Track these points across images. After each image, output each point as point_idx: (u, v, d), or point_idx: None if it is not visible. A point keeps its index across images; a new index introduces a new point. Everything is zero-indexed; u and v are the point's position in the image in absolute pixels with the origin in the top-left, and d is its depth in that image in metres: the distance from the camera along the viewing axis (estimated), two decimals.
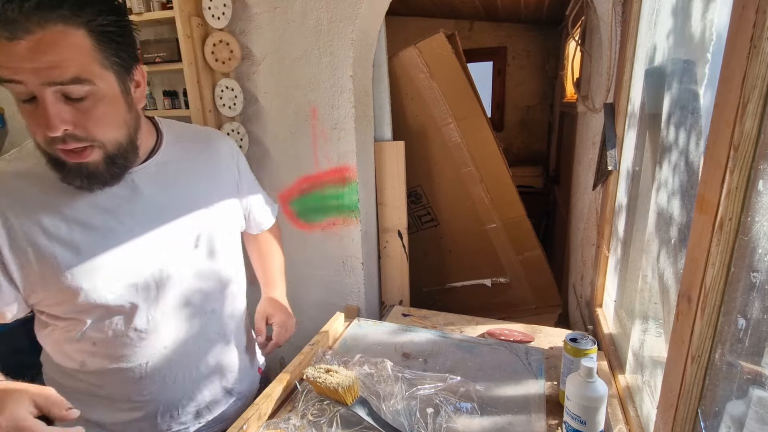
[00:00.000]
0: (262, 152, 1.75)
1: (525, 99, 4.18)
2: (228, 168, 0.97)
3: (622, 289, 1.13)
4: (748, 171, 0.47)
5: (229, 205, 0.95)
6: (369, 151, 1.75)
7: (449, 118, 2.05)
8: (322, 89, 1.59)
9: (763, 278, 0.49)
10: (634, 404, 0.93)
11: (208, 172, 0.91)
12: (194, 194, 0.87)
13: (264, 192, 1.13)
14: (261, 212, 1.10)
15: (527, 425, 0.89)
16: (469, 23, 4.10)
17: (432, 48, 1.98)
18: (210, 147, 0.94)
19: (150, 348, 0.82)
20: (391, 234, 1.88)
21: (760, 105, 0.44)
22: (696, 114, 0.74)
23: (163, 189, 0.82)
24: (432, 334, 1.24)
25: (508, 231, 2.16)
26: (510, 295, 2.26)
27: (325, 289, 1.84)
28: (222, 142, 0.98)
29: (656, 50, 0.99)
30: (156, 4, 1.62)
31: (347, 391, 0.90)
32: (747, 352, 0.52)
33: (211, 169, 0.92)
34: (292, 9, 1.54)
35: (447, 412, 0.89)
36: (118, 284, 0.76)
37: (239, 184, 1.00)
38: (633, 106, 1.13)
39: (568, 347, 0.92)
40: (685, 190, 0.74)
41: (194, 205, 0.86)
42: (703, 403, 0.55)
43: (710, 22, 0.70)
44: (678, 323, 0.58)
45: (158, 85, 1.85)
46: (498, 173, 2.13)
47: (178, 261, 0.83)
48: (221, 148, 0.96)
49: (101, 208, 0.75)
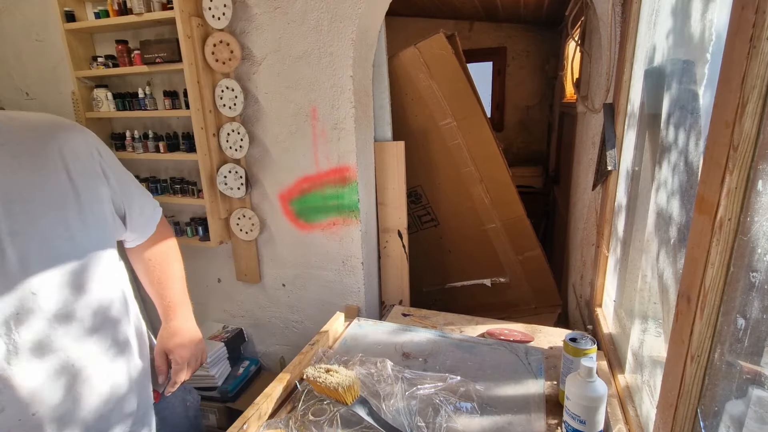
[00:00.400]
0: (262, 152, 1.75)
1: (525, 99, 4.18)
2: (84, 170, 0.78)
3: (622, 289, 1.13)
4: (747, 171, 0.47)
5: (94, 214, 0.79)
6: (369, 151, 1.75)
7: (449, 118, 2.05)
8: (322, 89, 1.59)
9: (763, 278, 0.49)
10: (633, 404, 0.93)
11: (33, 178, 0.72)
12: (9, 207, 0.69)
13: (141, 189, 0.96)
14: (138, 215, 0.93)
15: (527, 425, 0.89)
16: (469, 24, 4.10)
17: (432, 48, 1.98)
18: (47, 146, 0.74)
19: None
20: (391, 234, 1.88)
21: (759, 105, 0.44)
22: (695, 114, 0.74)
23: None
24: (432, 333, 1.24)
25: (507, 231, 2.17)
26: (510, 294, 2.26)
27: (325, 289, 1.84)
28: (72, 137, 0.78)
29: (656, 50, 0.99)
30: (156, 5, 1.62)
31: (347, 391, 0.90)
32: (746, 351, 0.52)
33: (43, 172, 0.73)
34: (292, 9, 1.54)
35: (447, 411, 0.89)
36: None
37: (108, 185, 0.83)
38: (632, 107, 1.13)
39: (568, 347, 0.92)
40: (685, 190, 0.75)
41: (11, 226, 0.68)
42: (703, 402, 0.55)
43: (710, 23, 0.70)
44: (677, 323, 0.59)
45: (159, 85, 1.86)
46: (498, 173, 2.13)
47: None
48: (67, 146, 0.76)
49: None
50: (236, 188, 1.75)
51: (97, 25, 1.71)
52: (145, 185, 1.88)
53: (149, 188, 1.87)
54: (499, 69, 4.15)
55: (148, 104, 1.79)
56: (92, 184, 0.80)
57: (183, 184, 1.84)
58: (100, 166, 0.82)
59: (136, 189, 0.93)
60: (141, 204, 0.93)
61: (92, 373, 0.79)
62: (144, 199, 0.95)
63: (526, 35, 4.00)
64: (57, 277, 0.73)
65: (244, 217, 1.82)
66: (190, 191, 1.83)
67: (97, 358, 0.80)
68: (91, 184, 0.79)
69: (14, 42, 1.99)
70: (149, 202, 0.98)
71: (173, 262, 1.03)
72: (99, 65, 1.79)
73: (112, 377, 0.83)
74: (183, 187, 1.83)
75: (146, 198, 0.97)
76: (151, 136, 1.81)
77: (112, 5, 1.68)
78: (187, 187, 1.83)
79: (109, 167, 0.84)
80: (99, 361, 0.80)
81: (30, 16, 1.92)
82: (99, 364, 0.80)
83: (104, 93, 1.81)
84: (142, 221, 0.95)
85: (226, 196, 1.79)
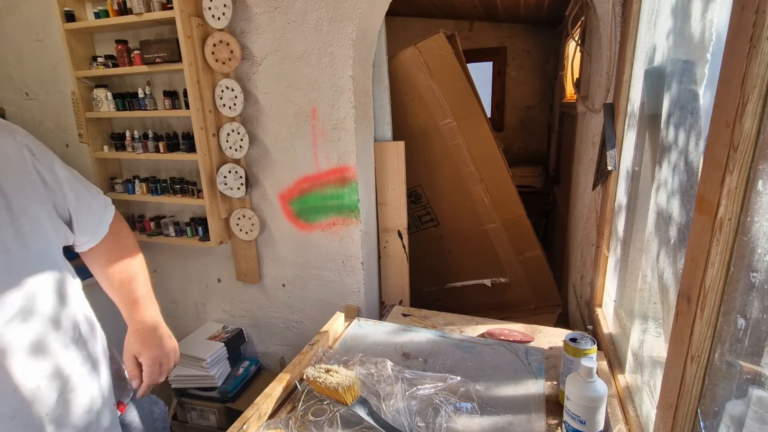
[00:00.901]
0: (262, 152, 1.75)
1: (525, 99, 4.18)
2: (15, 172, 0.72)
3: (622, 289, 1.13)
4: (747, 171, 0.47)
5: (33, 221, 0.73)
6: (369, 151, 1.75)
7: (449, 118, 2.05)
8: (322, 89, 1.59)
9: (763, 278, 0.49)
10: (633, 404, 0.93)
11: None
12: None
13: (88, 186, 0.88)
14: (87, 216, 0.86)
15: (527, 425, 0.89)
16: (469, 24, 4.10)
17: (432, 48, 1.98)
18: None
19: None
20: (391, 234, 1.88)
21: (759, 105, 0.44)
22: (695, 114, 0.74)
23: None
24: (432, 334, 1.24)
25: (507, 231, 2.17)
26: (510, 295, 2.26)
27: (325, 289, 1.84)
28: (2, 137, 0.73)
29: (656, 50, 0.99)
30: (156, 5, 1.62)
31: (347, 391, 0.90)
32: (746, 351, 0.52)
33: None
34: (292, 9, 1.54)
35: (447, 412, 0.89)
36: None
37: (45, 187, 0.76)
38: (633, 107, 1.13)
39: (568, 347, 0.92)
40: (685, 190, 0.75)
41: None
42: (703, 402, 0.55)
43: (710, 23, 0.70)
44: (677, 323, 0.58)
45: (159, 85, 1.86)
46: (498, 173, 2.13)
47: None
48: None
49: None
50: (236, 188, 1.75)
51: (97, 25, 1.71)
52: (144, 185, 1.88)
53: (149, 188, 1.87)
54: (499, 69, 4.15)
55: (148, 104, 1.79)
56: (26, 187, 0.73)
57: (183, 184, 1.84)
58: (33, 167, 0.75)
59: (81, 187, 0.85)
60: (89, 204, 0.86)
61: (76, 385, 0.78)
62: (92, 197, 0.87)
63: (526, 35, 4.00)
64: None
65: (244, 217, 1.82)
66: (189, 191, 1.83)
67: (76, 369, 0.78)
68: (25, 188, 0.72)
69: (14, 42, 1.99)
70: (98, 201, 0.90)
71: (133, 260, 0.96)
72: (99, 65, 1.79)
73: (90, 391, 0.82)
74: (183, 187, 1.83)
75: (95, 196, 0.89)
76: (151, 136, 1.81)
77: (112, 5, 1.68)
78: (186, 187, 1.83)
79: (44, 167, 0.77)
80: (78, 372, 0.79)
81: (30, 16, 1.92)
82: (78, 376, 0.79)
83: (104, 93, 1.81)
84: (92, 223, 0.87)
85: (225, 196, 1.79)
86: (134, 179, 1.91)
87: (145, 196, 1.88)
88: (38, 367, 0.72)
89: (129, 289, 0.94)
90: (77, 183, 0.84)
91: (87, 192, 0.87)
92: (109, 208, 0.93)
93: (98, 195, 0.91)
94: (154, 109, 1.80)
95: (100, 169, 1.91)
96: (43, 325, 0.74)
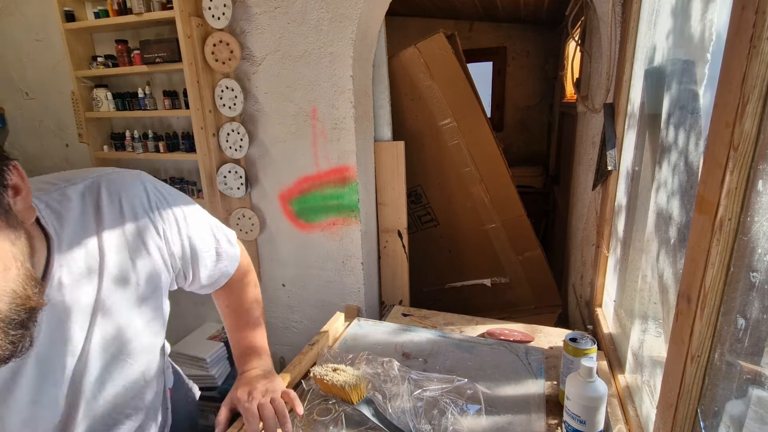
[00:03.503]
0: (262, 152, 1.75)
1: (525, 99, 4.18)
2: (140, 234, 0.67)
3: (622, 289, 1.13)
4: (747, 171, 0.47)
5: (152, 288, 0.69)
6: (369, 151, 1.75)
7: (449, 118, 2.05)
8: (322, 89, 1.59)
9: (763, 278, 0.49)
10: (633, 404, 0.93)
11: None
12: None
13: (216, 230, 0.82)
14: (211, 269, 0.82)
15: (527, 425, 0.89)
16: (469, 23, 4.10)
17: (432, 48, 1.98)
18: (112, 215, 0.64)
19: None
20: (391, 234, 1.88)
21: (759, 105, 0.44)
22: (695, 114, 0.74)
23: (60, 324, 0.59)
24: (432, 333, 1.24)
25: (508, 231, 2.17)
26: (510, 294, 2.26)
27: (325, 289, 1.84)
28: (126, 193, 0.66)
29: (656, 50, 0.99)
30: (156, 4, 1.62)
31: (353, 390, 0.89)
32: (746, 351, 0.52)
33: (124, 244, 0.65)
34: (292, 9, 1.54)
35: (453, 413, 0.89)
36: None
37: (166, 246, 0.71)
38: (633, 107, 1.13)
39: (568, 347, 0.92)
40: (685, 190, 0.75)
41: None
42: (703, 402, 0.55)
43: (710, 23, 0.70)
44: (677, 323, 0.58)
45: (158, 85, 1.86)
46: (498, 173, 2.13)
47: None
48: (128, 206, 0.66)
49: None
50: (236, 188, 1.75)
51: (97, 24, 1.71)
52: None
53: None
54: (499, 69, 4.15)
55: (147, 104, 1.79)
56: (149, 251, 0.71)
57: (183, 184, 1.84)
58: (153, 225, 0.70)
59: (207, 235, 0.79)
60: (213, 254, 0.81)
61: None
62: (217, 241, 0.82)
63: (526, 35, 4.00)
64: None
65: (244, 217, 1.82)
66: (189, 191, 1.83)
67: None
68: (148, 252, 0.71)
69: (14, 42, 1.99)
70: (224, 247, 0.84)
71: (250, 302, 0.92)
72: (99, 65, 1.79)
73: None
74: (183, 187, 1.83)
75: (220, 239, 0.83)
76: (151, 136, 1.81)
77: (112, 5, 1.68)
78: (186, 187, 1.83)
79: (169, 221, 0.73)
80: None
81: (30, 16, 1.92)
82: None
83: (104, 93, 1.81)
84: (212, 274, 0.83)
85: (225, 196, 1.79)
86: None
87: None
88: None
89: (243, 333, 0.92)
90: (205, 233, 0.81)
91: (213, 241, 0.83)
92: (233, 258, 0.87)
93: (224, 239, 0.86)
94: (154, 109, 1.80)
95: None
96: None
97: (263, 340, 0.93)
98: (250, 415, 0.80)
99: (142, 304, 0.69)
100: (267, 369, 0.90)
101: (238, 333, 0.92)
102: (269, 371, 0.90)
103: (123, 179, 0.67)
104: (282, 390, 0.87)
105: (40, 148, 2.19)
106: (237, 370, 0.91)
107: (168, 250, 0.71)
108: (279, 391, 0.86)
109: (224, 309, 0.94)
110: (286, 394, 0.87)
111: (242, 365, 0.90)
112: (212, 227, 0.81)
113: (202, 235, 0.77)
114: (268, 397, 0.83)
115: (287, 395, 0.86)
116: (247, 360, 0.90)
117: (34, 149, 2.22)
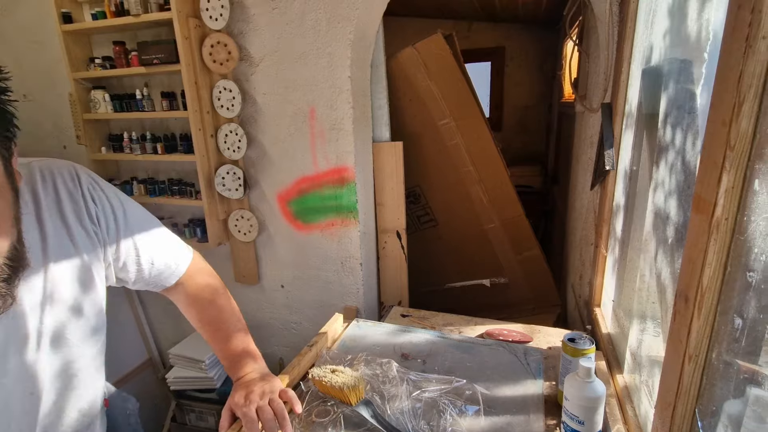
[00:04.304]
0: (260, 153, 1.75)
1: (523, 99, 4.18)
2: (76, 215, 0.71)
3: (620, 289, 1.13)
4: (744, 170, 0.47)
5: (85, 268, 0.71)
6: (367, 151, 1.75)
7: (447, 118, 2.05)
8: (320, 90, 1.59)
9: (760, 277, 0.49)
10: (632, 404, 0.93)
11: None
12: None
13: (156, 224, 0.83)
14: (151, 259, 0.81)
15: (525, 425, 0.89)
16: (467, 24, 4.10)
17: (430, 49, 1.98)
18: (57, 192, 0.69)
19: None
20: (390, 234, 1.88)
21: (755, 104, 0.44)
22: (693, 114, 0.74)
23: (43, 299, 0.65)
24: (431, 334, 1.24)
25: (506, 231, 2.17)
26: (509, 295, 2.26)
27: (323, 290, 1.83)
28: (60, 177, 0.71)
29: (653, 50, 0.99)
30: (153, 6, 1.62)
31: (352, 391, 0.89)
32: (744, 351, 0.52)
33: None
34: (290, 10, 1.54)
35: (451, 414, 0.89)
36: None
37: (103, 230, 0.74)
38: (630, 106, 1.13)
39: (567, 347, 0.92)
40: (682, 190, 0.75)
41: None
42: (701, 402, 0.55)
43: (707, 22, 0.70)
44: (675, 323, 0.58)
45: (156, 86, 1.85)
46: (496, 173, 2.13)
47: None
48: (63, 188, 0.70)
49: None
50: (234, 189, 1.75)
51: (94, 26, 1.70)
52: (143, 187, 1.88)
53: (147, 190, 1.87)
54: (497, 69, 4.16)
55: (145, 105, 1.79)
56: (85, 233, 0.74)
57: (181, 186, 1.83)
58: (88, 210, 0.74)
59: (149, 223, 0.82)
60: (160, 243, 0.83)
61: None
62: (163, 235, 0.84)
63: (524, 35, 4.01)
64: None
65: (243, 218, 1.81)
66: (188, 193, 1.83)
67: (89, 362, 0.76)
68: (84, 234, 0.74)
69: (11, 43, 1.99)
70: (169, 241, 0.85)
71: (221, 301, 0.91)
72: (96, 66, 1.78)
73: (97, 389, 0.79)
74: (181, 189, 1.83)
75: (164, 235, 0.85)
76: (149, 138, 1.81)
77: (109, 6, 1.68)
78: (184, 188, 1.83)
79: (104, 205, 0.76)
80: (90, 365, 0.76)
81: (27, 18, 1.92)
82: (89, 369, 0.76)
83: (102, 94, 1.81)
84: (164, 264, 0.83)
85: (224, 198, 1.79)
86: (132, 181, 1.91)
87: (143, 198, 1.88)
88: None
89: (228, 338, 0.90)
90: (146, 221, 0.84)
91: (158, 233, 0.86)
92: (183, 252, 0.89)
93: (166, 234, 0.88)
94: (152, 110, 1.80)
95: (98, 171, 1.91)
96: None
97: (253, 345, 0.93)
98: (248, 420, 0.80)
99: (85, 284, 0.72)
100: (263, 371, 0.90)
101: (224, 343, 0.90)
102: (266, 373, 0.90)
103: (56, 164, 0.72)
104: (280, 389, 0.87)
105: (38, 149, 2.19)
106: (231, 378, 0.89)
107: (101, 237, 0.74)
108: (277, 392, 0.86)
109: (204, 325, 0.91)
110: (284, 393, 0.87)
111: (237, 372, 0.89)
112: (151, 221, 0.83)
113: (139, 223, 0.79)
114: (266, 399, 0.83)
115: (285, 394, 0.86)
116: (241, 366, 0.89)
117: (31, 151, 2.21)
